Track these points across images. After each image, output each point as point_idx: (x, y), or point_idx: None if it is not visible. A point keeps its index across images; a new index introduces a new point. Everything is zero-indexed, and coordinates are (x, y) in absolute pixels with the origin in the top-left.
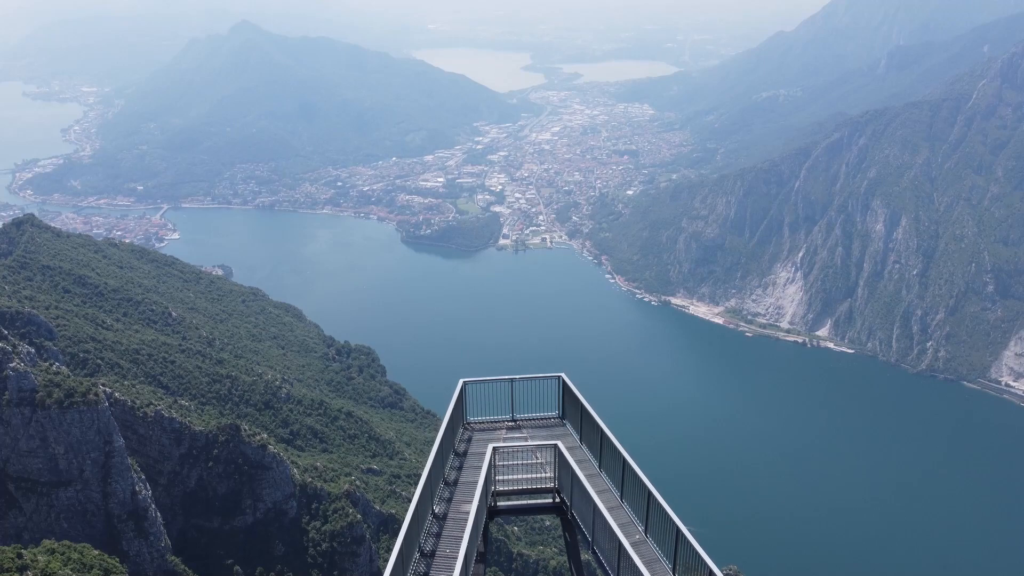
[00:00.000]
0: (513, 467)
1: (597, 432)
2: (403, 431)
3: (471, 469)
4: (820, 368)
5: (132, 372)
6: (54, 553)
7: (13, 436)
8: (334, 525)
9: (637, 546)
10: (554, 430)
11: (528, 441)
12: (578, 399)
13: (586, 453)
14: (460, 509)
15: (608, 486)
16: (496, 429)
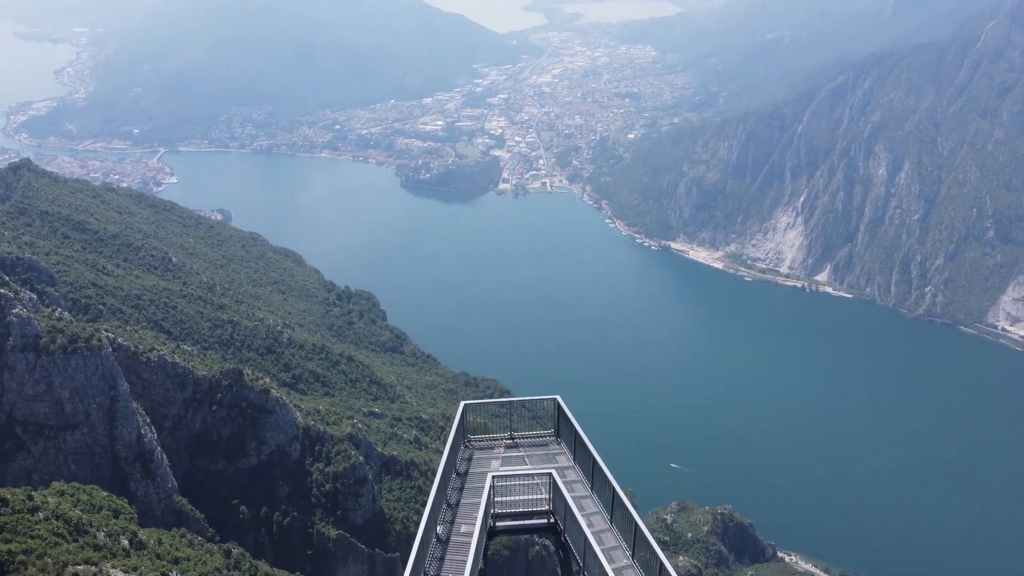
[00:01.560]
0: (511, 488)
1: (589, 457)
2: (404, 375)
3: (472, 491)
4: (818, 312)
5: (134, 317)
6: (64, 495)
7: (19, 381)
8: (337, 467)
9: (623, 571)
10: (549, 448)
11: (524, 458)
12: (571, 421)
13: (579, 474)
14: (461, 531)
15: (599, 508)
16: (495, 447)
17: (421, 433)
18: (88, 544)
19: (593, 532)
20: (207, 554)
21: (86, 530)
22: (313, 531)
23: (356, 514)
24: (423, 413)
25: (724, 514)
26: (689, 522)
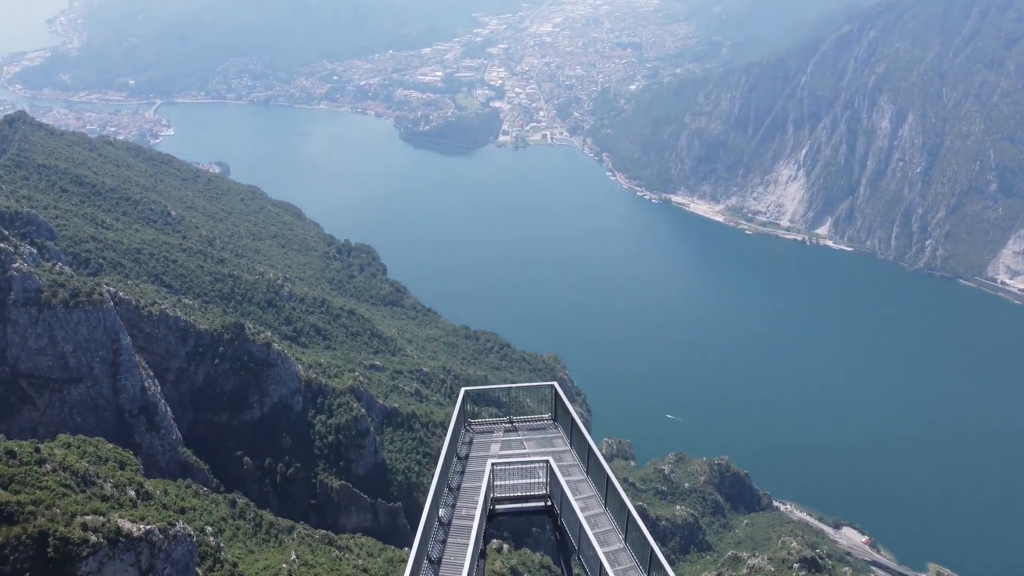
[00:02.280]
0: (510, 473)
1: (585, 442)
2: (405, 328)
3: (472, 475)
4: (818, 266)
5: (135, 271)
6: (70, 447)
7: (22, 335)
8: (339, 419)
9: (616, 554)
10: (547, 432)
11: (523, 442)
12: (568, 407)
13: (575, 458)
14: (463, 514)
15: (593, 492)
16: (495, 431)
17: (422, 386)
18: (95, 495)
19: (587, 516)
20: (212, 504)
21: (93, 481)
22: (316, 481)
23: (358, 465)
24: (424, 366)
25: (721, 465)
26: (686, 472)
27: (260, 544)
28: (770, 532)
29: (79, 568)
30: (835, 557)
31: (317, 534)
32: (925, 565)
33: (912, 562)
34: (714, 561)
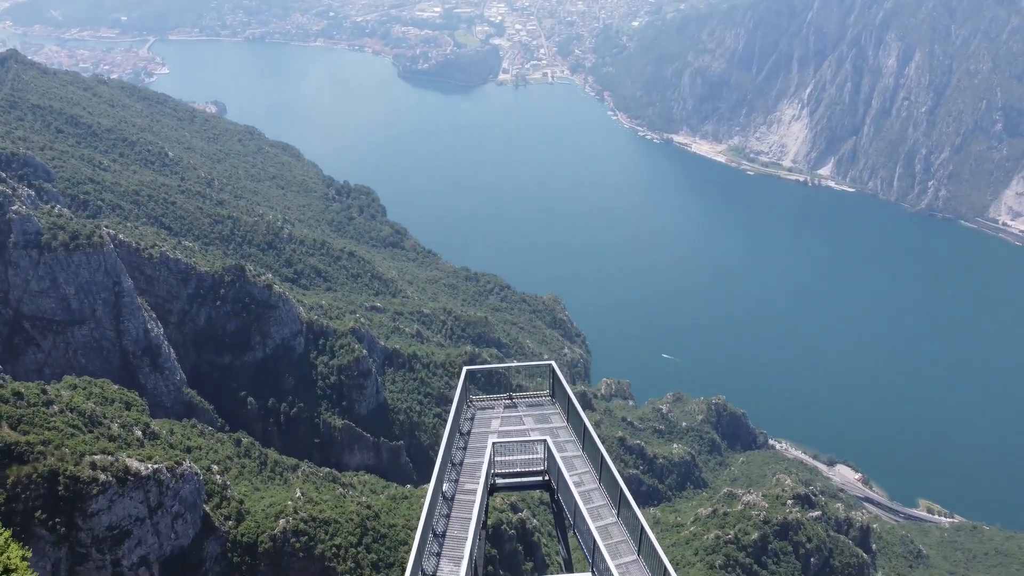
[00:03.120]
0: (510, 449)
1: (580, 421)
2: (405, 270)
3: (474, 451)
4: (819, 207)
5: (134, 214)
6: (76, 388)
7: (23, 278)
8: (341, 360)
9: (608, 528)
10: (545, 408)
11: (522, 418)
12: (565, 386)
13: (571, 434)
14: (466, 488)
15: (588, 467)
16: (495, 407)
17: (423, 327)
18: (103, 435)
19: (582, 491)
20: (218, 443)
21: (100, 422)
22: (319, 421)
23: (361, 405)
24: (424, 308)
25: (718, 404)
26: (684, 412)
27: (265, 482)
28: (765, 470)
29: (90, 506)
30: (828, 494)
31: (321, 472)
32: (916, 501)
33: (903, 498)
34: (710, 498)
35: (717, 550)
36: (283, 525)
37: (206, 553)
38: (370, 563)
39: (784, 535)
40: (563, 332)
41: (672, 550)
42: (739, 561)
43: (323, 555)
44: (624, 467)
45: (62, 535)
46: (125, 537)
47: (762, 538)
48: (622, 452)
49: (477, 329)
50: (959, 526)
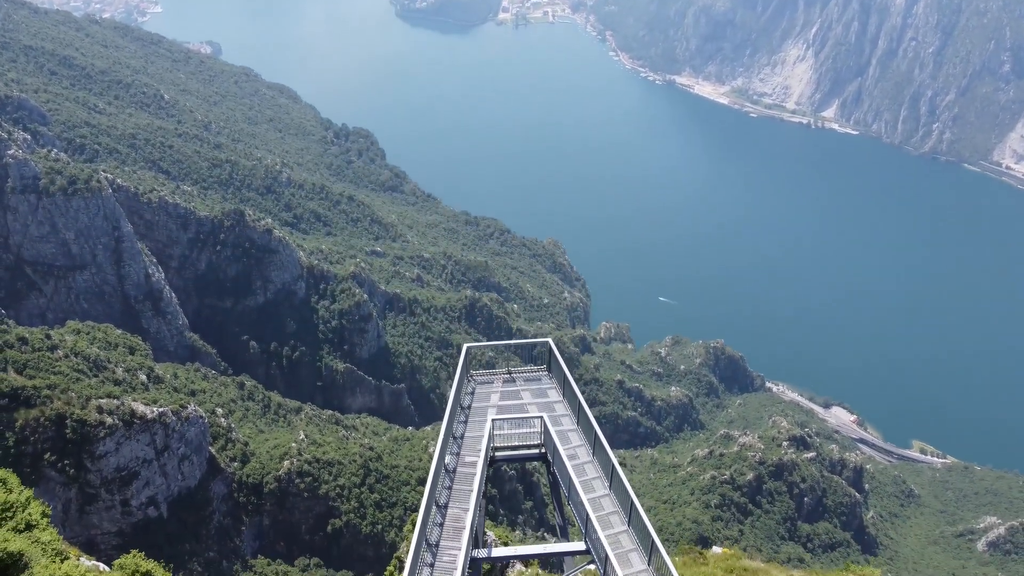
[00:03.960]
0: (509, 424)
1: (575, 399)
2: (405, 214)
3: (475, 424)
4: (822, 150)
5: (131, 157)
6: (80, 333)
7: (23, 223)
8: (342, 304)
9: (599, 500)
10: (542, 383)
11: (520, 392)
12: (561, 363)
13: (567, 408)
14: (466, 461)
15: (582, 441)
16: (495, 381)
17: (423, 271)
18: (108, 379)
19: (575, 465)
20: (221, 386)
21: (105, 366)
22: (321, 365)
23: (362, 348)
24: (424, 252)
25: (716, 348)
26: (682, 355)
27: (269, 424)
28: (762, 412)
29: (98, 448)
30: (823, 435)
31: (324, 414)
32: (909, 442)
33: (897, 439)
34: (706, 439)
35: (713, 490)
36: (288, 466)
37: (213, 493)
38: (373, 503)
39: (779, 475)
40: (563, 276)
41: (668, 490)
42: (734, 500)
43: (327, 495)
44: (623, 409)
45: (71, 476)
46: (133, 478)
47: (757, 478)
48: (621, 395)
49: (477, 273)
50: (951, 466)
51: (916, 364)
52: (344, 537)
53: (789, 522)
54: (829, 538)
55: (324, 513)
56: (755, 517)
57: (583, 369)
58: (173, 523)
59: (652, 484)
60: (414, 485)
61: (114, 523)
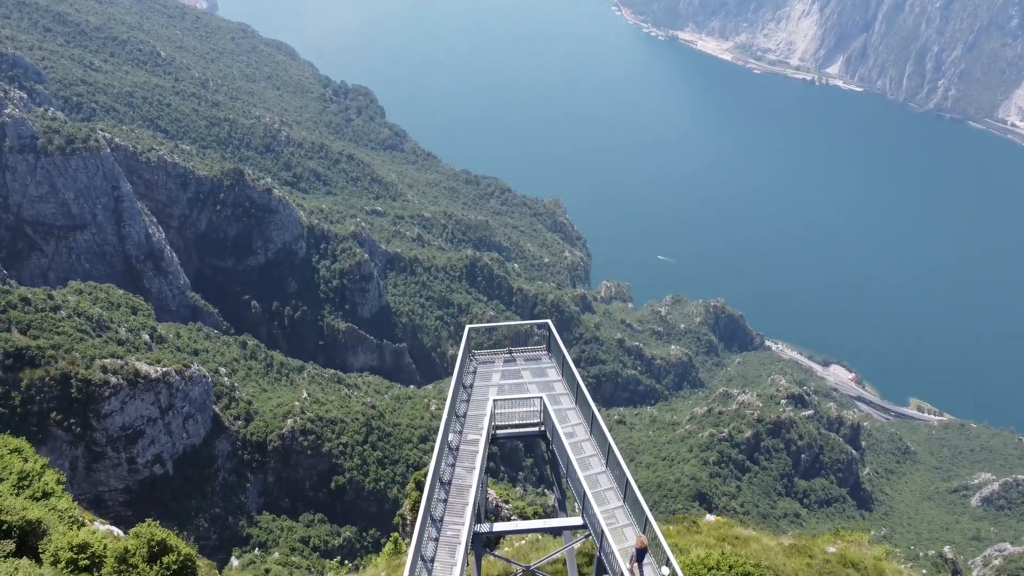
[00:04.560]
0: (510, 404)
1: (573, 379)
2: (405, 173)
3: (477, 404)
4: (826, 107)
5: (129, 116)
6: (82, 293)
7: (21, 182)
8: (343, 264)
9: (596, 477)
10: (542, 362)
11: (520, 371)
12: (559, 344)
13: (566, 387)
14: (469, 439)
15: (580, 420)
16: (496, 360)
17: (423, 231)
18: (111, 339)
19: (573, 443)
20: (224, 346)
21: (108, 326)
22: (323, 324)
23: (363, 308)
24: (425, 211)
25: (716, 307)
26: (682, 314)
27: (272, 383)
28: (761, 370)
29: (103, 407)
30: (821, 393)
31: (326, 373)
32: (907, 400)
33: (895, 397)
34: (705, 397)
35: (711, 447)
36: (291, 425)
37: (217, 451)
38: (375, 460)
39: (776, 433)
40: (564, 236)
41: (667, 447)
42: (732, 458)
43: (330, 453)
44: (623, 368)
45: (78, 435)
46: (139, 437)
47: (755, 436)
48: (621, 353)
49: (478, 233)
50: (947, 424)
51: (915, 322)
52: (347, 493)
53: (786, 479)
54: (825, 494)
55: (327, 470)
56: (752, 474)
57: (583, 328)
58: (179, 480)
59: (651, 441)
60: (416, 443)
61: (121, 480)
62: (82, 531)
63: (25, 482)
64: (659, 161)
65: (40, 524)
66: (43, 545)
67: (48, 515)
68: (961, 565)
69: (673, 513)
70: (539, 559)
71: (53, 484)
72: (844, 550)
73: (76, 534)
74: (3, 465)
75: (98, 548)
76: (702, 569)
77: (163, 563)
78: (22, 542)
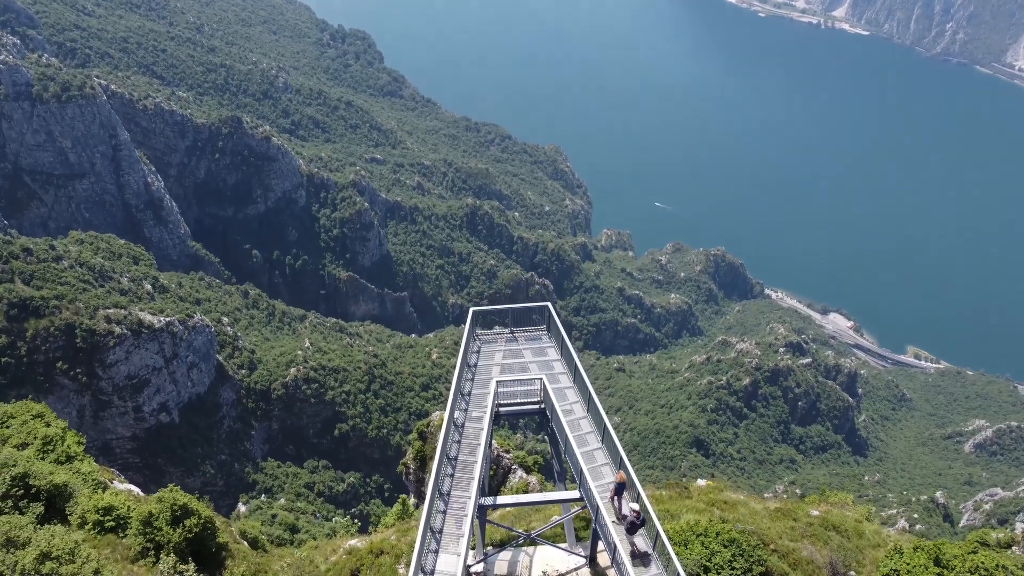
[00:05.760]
0: (512, 383)
1: (572, 359)
2: (404, 120)
3: (481, 383)
4: (831, 50)
5: (124, 62)
6: (84, 243)
7: (18, 130)
8: (343, 212)
9: (592, 453)
10: (542, 342)
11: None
12: (558, 325)
13: (564, 366)
14: (473, 416)
15: (578, 397)
16: (498, 340)
17: (424, 179)
18: (114, 289)
19: (570, 420)
20: (226, 295)
21: (110, 276)
22: (324, 273)
23: (364, 257)
24: (425, 159)
25: (716, 255)
26: (683, 262)
27: (274, 332)
28: (760, 318)
29: (108, 357)
30: (820, 341)
31: (328, 322)
32: (904, 347)
33: (893, 344)
34: (704, 345)
35: (709, 395)
36: (294, 373)
37: (222, 399)
38: (378, 408)
39: (774, 381)
40: (565, 183)
41: (666, 394)
42: (730, 405)
43: (333, 401)
44: (623, 316)
45: (84, 384)
46: (144, 385)
47: (753, 384)
48: (621, 302)
49: (478, 181)
50: (944, 371)
51: (914, 270)
52: (351, 440)
53: (782, 425)
54: (821, 440)
55: (331, 418)
56: (750, 421)
57: (584, 277)
58: (185, 428)
59: (651, 389)
60: (418, 391)
61: (128, 428)
62: (106, 494)
63: (49, 447)
64: (662, 106)
65: (67, 487)
66: (70, 508)
67: (73, 479)
68: (952, 509)
69: (671, 459)
70: (539, 527)
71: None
72: (827, 512)
73: (101, 497)
74: (27, 431)
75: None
76: (691, 535)
77: (185, 526)
78: (50, 505)
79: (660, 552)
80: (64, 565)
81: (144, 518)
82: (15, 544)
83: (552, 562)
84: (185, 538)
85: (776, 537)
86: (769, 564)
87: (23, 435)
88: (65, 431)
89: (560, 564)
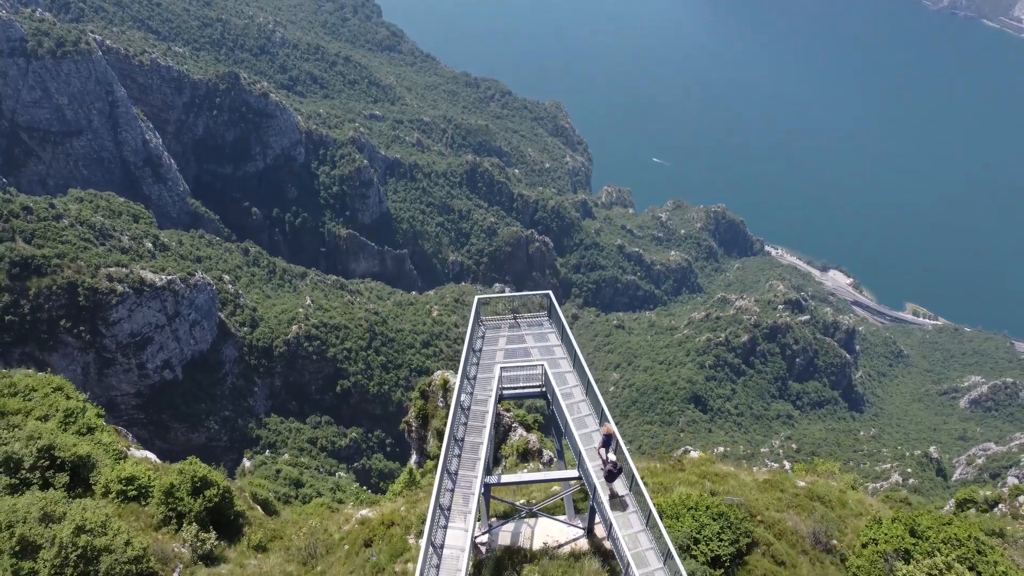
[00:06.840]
0: (515, 368)
1: (572, 346)
2: (403, 75)
3: (485, 367)
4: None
5: (118, 16)
6: (83, 201)
7: (14, 87)
8: (342, 170)
9: (590, 435)
10: (544, 328)
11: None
12: (558, 312)
13: (564, 352)
14: (478, 398)
15: (577, 381)
16: (502, 326)
17: (423, 135)
18: (115, 247)
19: (570, 404)
20: (226, 253)
21: (110, 235)
22: (324, 230)
23: (364, 214)
24: (424, 116)
25: (717, 212)
26: (683, 219)
27: (275, 289)
28: (759, 275)
29: (111, 315)
30: (819, 298)
31: (329, 280)
32: (903, 304)
33: (891, 301)
34: (704, 302)
35: (708, 351)
36: (296, 330)
37: (224, 357)
38: (379, 364)
39: (773, 337)
40: (565, 140)
41: (665, 351)
42: (728, 362)
43: (335, 357)
44: (622, 273)
45: (88, 342)
46: (147, 343)
47: (751, 340)
48: (621, 259)
49: (478, 137)
50: (942, 328)
51: (915, 227)
52: (352, 396)
53: (780, 381)
54: (818, 396)
55: (333, 374)
56: (747, 377)
57: (584, 234)
58: (188, 384)
59: (650, 345)
60: (418, 348)
61: (132, 385)
62: (127, 464)
63: (71, 418)
64: (662, 63)
65: (90, 458)
66: (94, 477)
67: (95, 449)
68: (946, 464)
69: (670, 415)
70: (540, 500)
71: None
72: (813, 483)
73: (123, 467)
74: (49, 403)
75: (144, 480)
76: (682, 509)
77: (205, 496)
78: (75, 475)
79: (636, 494)
80: (97, 537)
81: (166, 488)
82: (52, 518)
83: (552, 533)
84: (205, 507)
85: (763, 508)
86: (756, 535)
87: (45, 407)
88: (85, 403)
89: (560, 535)
